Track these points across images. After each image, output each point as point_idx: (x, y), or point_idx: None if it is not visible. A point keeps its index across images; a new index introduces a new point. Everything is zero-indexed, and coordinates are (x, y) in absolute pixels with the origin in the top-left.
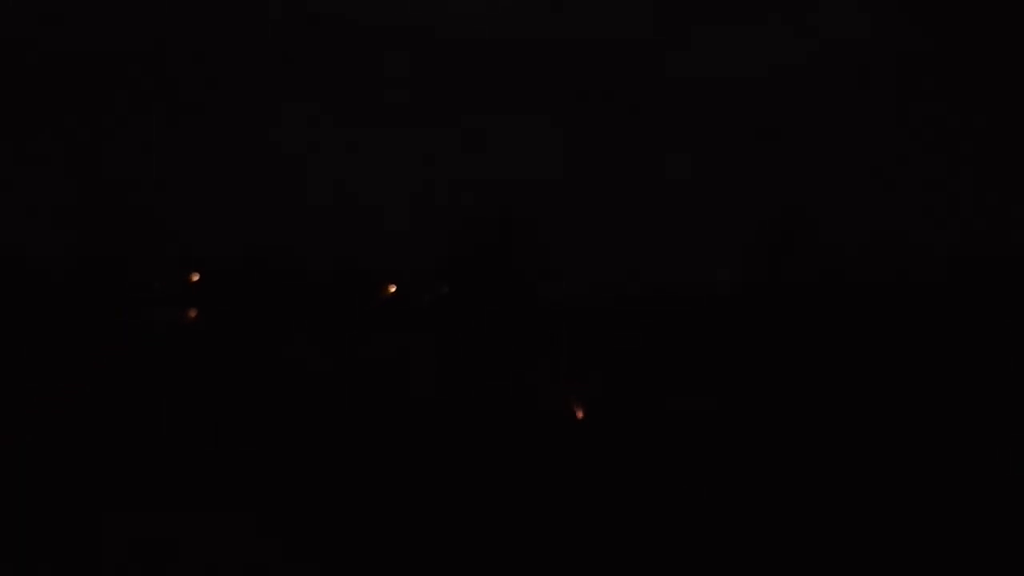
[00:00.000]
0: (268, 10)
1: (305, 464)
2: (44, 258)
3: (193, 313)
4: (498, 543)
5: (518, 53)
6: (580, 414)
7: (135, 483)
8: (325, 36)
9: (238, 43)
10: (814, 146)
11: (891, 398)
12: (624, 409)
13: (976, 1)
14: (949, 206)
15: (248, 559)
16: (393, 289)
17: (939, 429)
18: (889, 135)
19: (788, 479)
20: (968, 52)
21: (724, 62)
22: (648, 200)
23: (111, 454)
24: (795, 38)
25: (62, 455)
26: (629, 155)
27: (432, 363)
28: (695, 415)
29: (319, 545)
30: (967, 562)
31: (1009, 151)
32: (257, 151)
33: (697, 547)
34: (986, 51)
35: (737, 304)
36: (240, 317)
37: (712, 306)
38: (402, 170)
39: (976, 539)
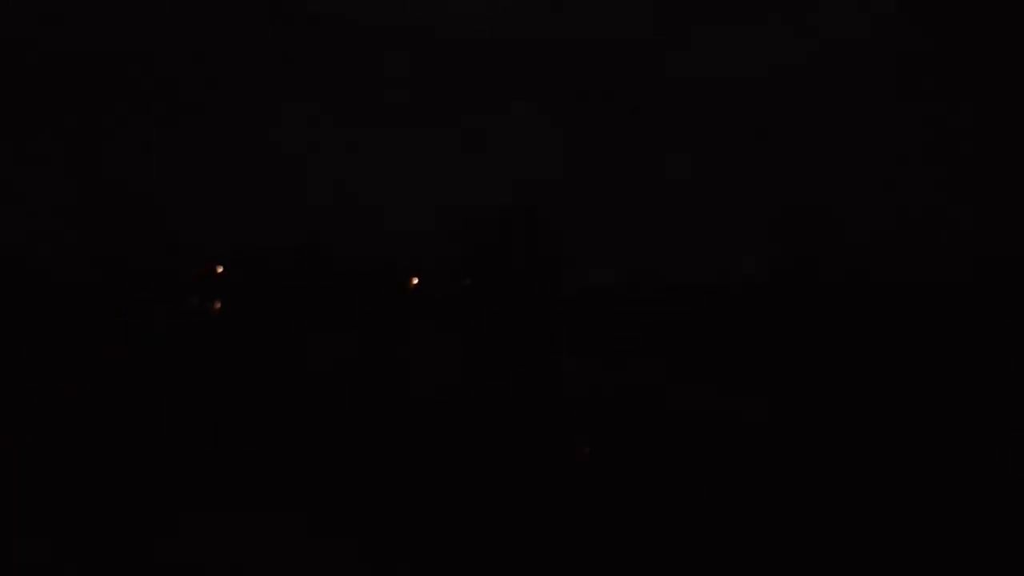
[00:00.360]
0: (268, 10)
1: (311, 463)
2: (44, 258)
3: (217, 305)
4: (509, 542)
5: (518, 53)
6: (586, 454)
7: (136, 483)
8: (325, 36)
9: (238, 43)
10: (816, 145)
11: (906, 397)
12: (636, 406)
13: (976, 1)
14: (949, 205)
15: (248, 560)
16: (416, 282)
17: (950, 432)
18: (889, 135)
19: (803, 480)
20: (968, 52)
21: (724, 62)
22: (652, 198)
23: (112, 454)
24: (795, 38)
25: (62, 455)
26: (630, 154)
27: (454, 356)
28: (707, 414)
29: (326, 546)
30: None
31: (1009, 151)
32: (257, 151)
33: (710, 548)
34: (986, 51)
35: (748, 300)
36: (243, 315)
37: (722, 301)
38: (404, 169)
39: (999, 540)
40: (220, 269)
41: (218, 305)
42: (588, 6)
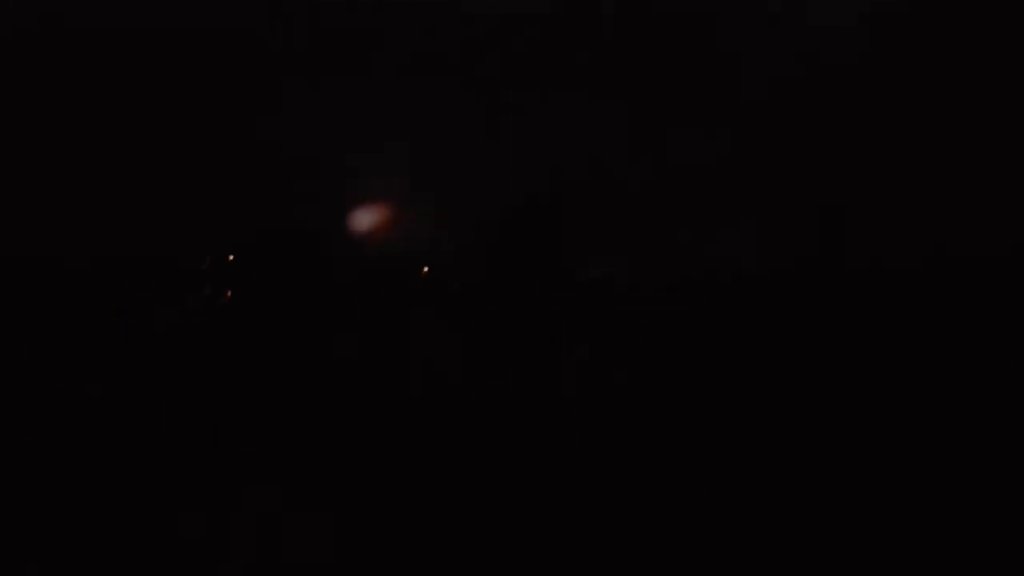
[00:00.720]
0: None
1: (312, 462)
2: (43, 255)
3: (228, 293)
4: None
5: (518, 43)
6: (588, 457)
7: (137, 484)
8: (325, 31)
9: (237, 41)
10: (826, 133)
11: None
12: (637, 405)
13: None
14: (950, 201)
15: (248, 560)
16: (426, 271)
17: (953, 431)
18: (902, 121)
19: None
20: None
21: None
22: (653, 191)
23: (113, 454)
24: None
25: (62, 455)
26: (630, 146)
27: (455, 353)
28: (707, 413)
29: (326, 545)
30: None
31: (1010, 149)
32: (256, 145)
33: (711, 547)
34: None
35: (751, 296)
36: (243, 311)
37: (725, 298)
38: (406, 162)
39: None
40: (231, 257)
41: (229, 294)
42: None
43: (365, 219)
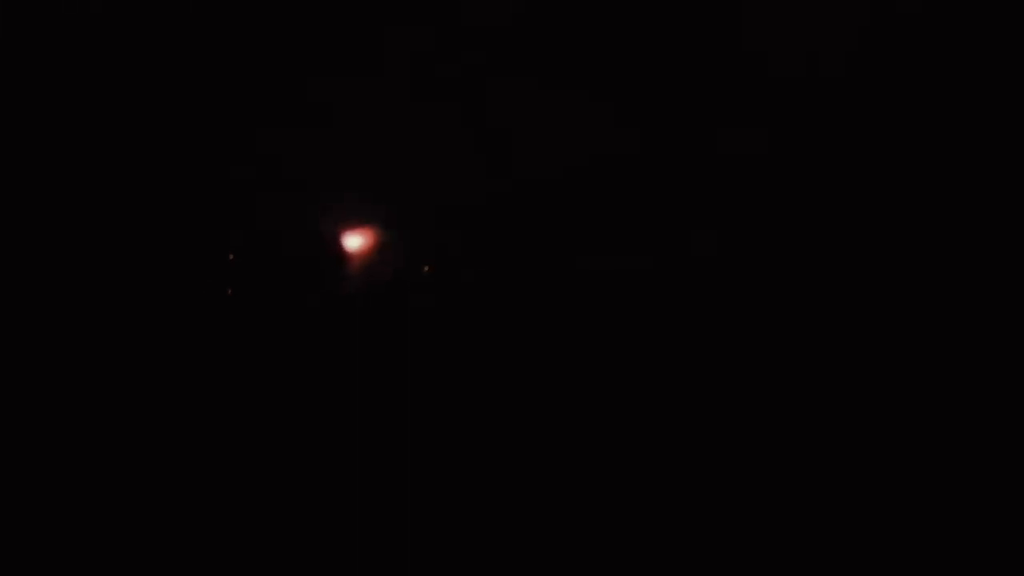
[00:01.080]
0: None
1: (310, 464)
2: (43, 251)
3: (229, 292)
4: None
5: (525, 33)
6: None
7: (137, 484)
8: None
9: (239, 37)
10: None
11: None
12: (637, 402)
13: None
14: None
15: (247, 561)
16: (426, 270)
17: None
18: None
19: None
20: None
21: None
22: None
23: (114, 455)
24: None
25: (62, 455)
26: (630, 136)
27: (454, 353)
28: (705, 406)
29: (324, 546)
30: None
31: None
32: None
33: (711, 547)
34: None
35: (753, 285)
36: (241, 306)
37: (725, 286)
38: (399, 151)
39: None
40: (231, 256)
41: (230, 291)
42: None
43: (363, 218)
